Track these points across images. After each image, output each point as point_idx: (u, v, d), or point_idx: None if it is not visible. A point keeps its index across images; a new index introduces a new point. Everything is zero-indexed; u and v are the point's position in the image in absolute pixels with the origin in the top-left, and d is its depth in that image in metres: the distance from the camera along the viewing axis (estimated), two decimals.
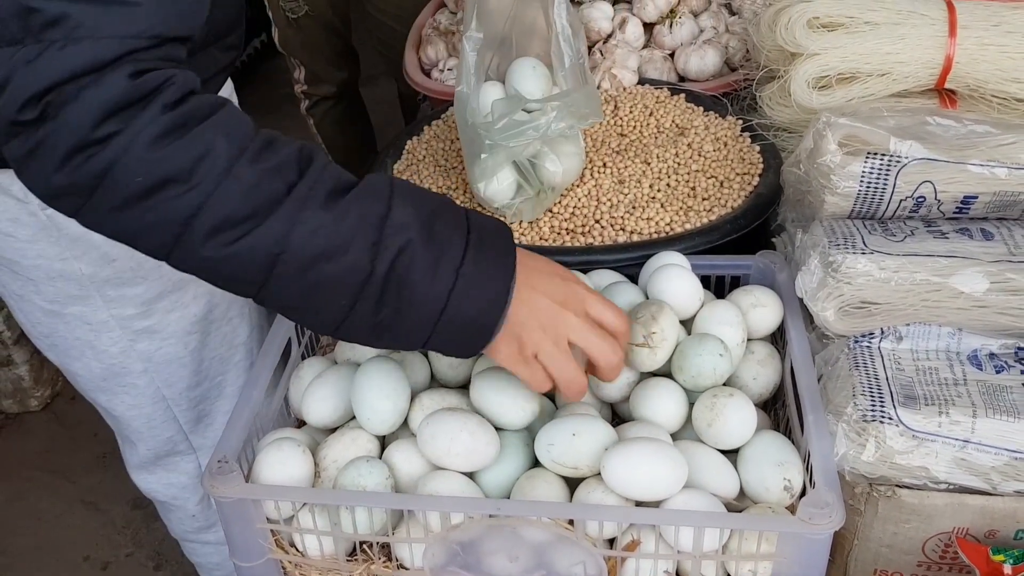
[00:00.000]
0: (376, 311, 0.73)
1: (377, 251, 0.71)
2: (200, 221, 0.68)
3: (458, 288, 0.73)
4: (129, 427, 1.19)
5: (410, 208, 0.73)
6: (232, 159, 0.68)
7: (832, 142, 0.94)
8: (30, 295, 1.03)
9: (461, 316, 0.74)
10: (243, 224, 0.68)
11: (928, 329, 0.88)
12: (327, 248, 0.70)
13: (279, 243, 0.69)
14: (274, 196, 0.69)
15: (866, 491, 0.82)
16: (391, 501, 0.83)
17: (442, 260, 0.73)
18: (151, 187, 0.67)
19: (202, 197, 0.68)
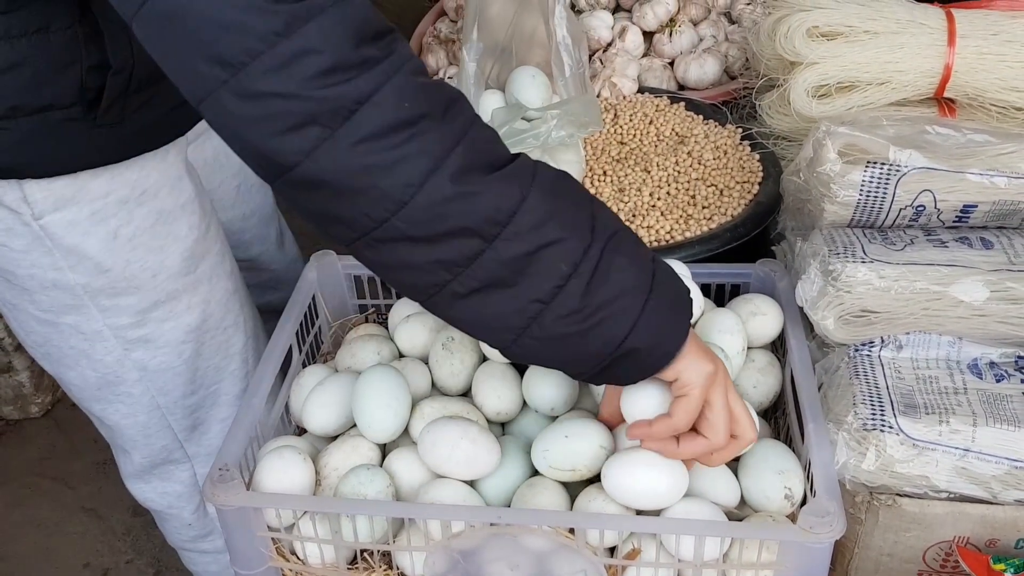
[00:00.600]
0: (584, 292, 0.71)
1: (594, 224, 0.72)
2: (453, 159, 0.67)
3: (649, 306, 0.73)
4: (123, 436, 1.18)
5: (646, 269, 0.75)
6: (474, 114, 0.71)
7: (832, 151, 0.94)
8: (24, 305, 1.03)
9: (654, 322, 0.74)
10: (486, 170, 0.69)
11: (928, 338, 0.88)
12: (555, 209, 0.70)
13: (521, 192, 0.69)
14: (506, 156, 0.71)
15: (867, 500, 0.82)
16: (392, 509, 0.83)
17: (639, 253, 0.74)
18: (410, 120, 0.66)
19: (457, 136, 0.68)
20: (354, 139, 0.65)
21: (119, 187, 0.96)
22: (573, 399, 0.93)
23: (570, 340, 0.72)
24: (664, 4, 1.47)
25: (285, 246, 1.42)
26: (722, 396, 0.76)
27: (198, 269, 1.07)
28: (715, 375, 0.76)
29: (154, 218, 1.00)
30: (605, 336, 0.72)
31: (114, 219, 0.97)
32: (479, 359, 0.99)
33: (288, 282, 1.39)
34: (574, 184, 0.75)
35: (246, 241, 1.31)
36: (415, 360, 1.04)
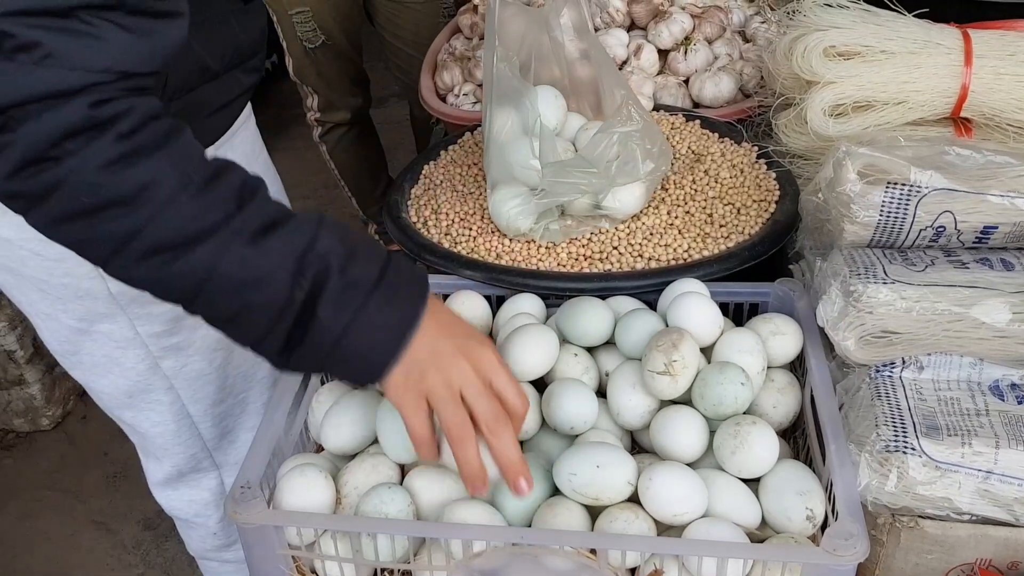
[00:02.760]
0: (288, 335, 0.77)
1: (297, 281, 0.75)
2: (136, 243, 0.73)
3: (355, 323, 0.77)
4: (154, 443, 1.19)
5: (333, 241, 0.78)
6: (176, 190, 0.72)
7: (852, 171, 0.95)
8: (57, 313, 1.04)
9: (353, 349, 0.78)
10: (175, 251, 0.73)
11: (949, 359, 0.88)
12: (252, 278, 0.74)
13: (207, 270, 0.74)
14: (209, 227, 0.73)
15: (889, 522, 0.82)
16: (413, 529, 0.83)
17: (347, 293, 0.77)
18: (95, 207, 0.72)
19: (142, 222, 0.72)
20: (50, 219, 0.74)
21: None
22: (593, 418, 0.93)
23: None
24: (679, 22, 1.48)
25: None
26: (440, 392, 0.79)
27: None
28: (411, 386, 0.79)
29: None
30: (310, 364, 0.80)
31: None
32: None
33: None
34: (294, 227, 0.77)
35: None
36: None
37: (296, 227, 0.77)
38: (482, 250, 1.15)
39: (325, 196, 3.17)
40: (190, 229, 0.73)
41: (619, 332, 0.98)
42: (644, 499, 0.82)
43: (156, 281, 0.76)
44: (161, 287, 0.76)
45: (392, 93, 3.41)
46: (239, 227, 0.74)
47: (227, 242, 0.74)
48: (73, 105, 0.69)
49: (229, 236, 0.74)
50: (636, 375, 0.93)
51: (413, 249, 1.18)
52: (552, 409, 0.93)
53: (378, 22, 2.24)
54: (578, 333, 1.00)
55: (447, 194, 1.27)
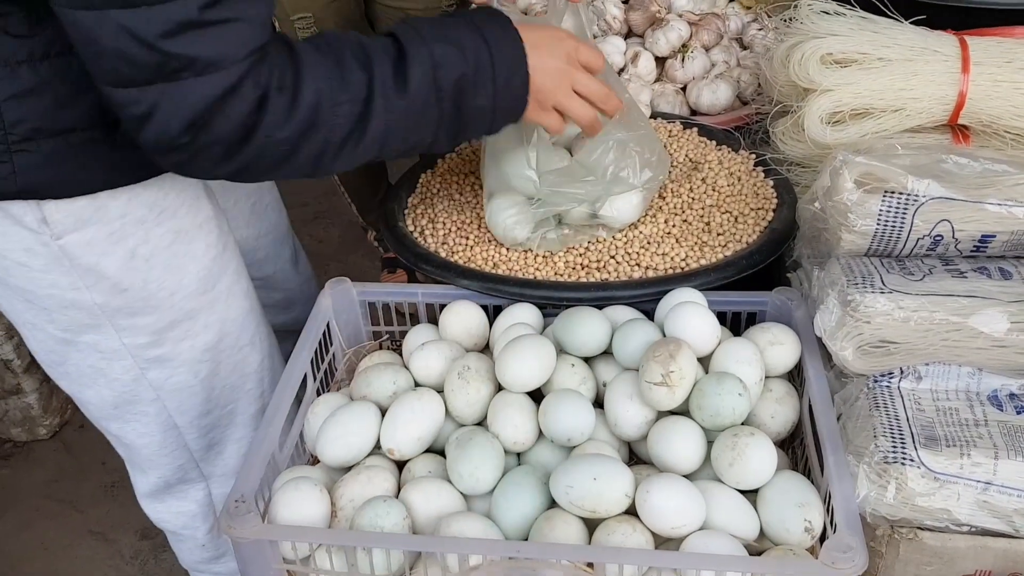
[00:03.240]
0: (452, 130, 0.96)
1: (439, 98, 0.92)
2: (329, 153, 0.89)
3: (497, 92, 0.95)
4: (140, 455, 1.18)
5: (444, 44, 0.92)
6: (330, 96, 0.86)
7: (849, 180, 0.94)
8: (43, 324, 1.04)
9: (503, 110, 0.97)
10: (355, 134, 0.88)
11: (948, 369, 0.87)
12: (413, 113, 0.91)
13: (384, 132, 0.90)
14: (366, 102, 0.88)
15: (887, 533, 0.82)
16: (410, 543, 0.83)
17: (478, 77, 0.94)
18: (291, 149, 0.86)
19: (325, 137, 0.87)
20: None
21: (137, 207, 0.97)
22: (590, 430, 0.92)
23: None
24: (676, 30, 1.48)
25: (299, 265, 1.43)
26: (562, 98, 1.02)
27: (215, 288, 1.07)
28: (541, 104, 1.01)
29: (172, 237, 1.01)
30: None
31: (132, 239, 0.97)
32: (495, 388, 0.99)
33: (302, 302, 1.39)
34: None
35: (260, 260, 1.32)
36: (430, 390, 1.04)
37: (415, 52, 0.91)
38: (479, 260, 1.15)
39: (324, 203, 3.17)
40: (356, 111, 0.87)
41: (616, 342, 0.98)
42: (642, 511, 0.82)
43: (355, 158, 0.91)
44: (358, 159, 0.92)
45: None
46: (382, 85, 0.88)
47: (385, 104, 0.88)
48: (242, 93, 0.80)
49: (383, 97, 0.88)
50: (633, 386, 0.93)
51: (410, 259, 1.17)
52: (549, 421, 0.92)
53: (379, 29, 2.24)
54: (575, 343, 1.00)
55: (444, 203, 1.26)
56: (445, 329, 1.07)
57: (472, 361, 1.00)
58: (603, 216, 1.12)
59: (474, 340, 1.07)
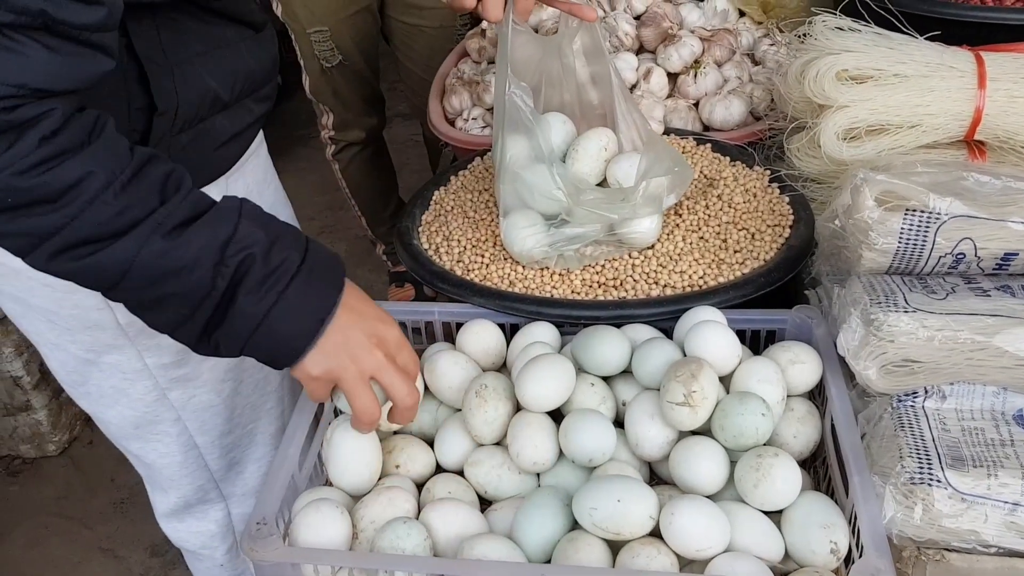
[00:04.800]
0: (209, 320, 0.80)
1: (219, 270, 0.79)
2: (57, 239, 0.75)
3: (276, 309, 0.81)
4: (161, 475, 1.18)
5: (255, 229, 0.81)
6: (100, 189, 0.74)
7: (870, 198, 0.94)
8: (65, 344, 1.04)
9: (272, 334, 0.82)
10: (96, 244, 0.75)
11: (972, 388, 0.87)
12: (172, 268, 0.77)
13: (127, 261, 0.76)
14: (131, 222, 0.76)
15: (914, 555, 0.81)
16: (433, 566, 0.82)
17: (269, 280, 0.80)
18: (19, 206, 0.74)
19: (64, 220, 0.74)
20: None
21: None
22: (611, 450, 0.92)
23: None
24: (688, 46, 1.48)
25: None
26: (350, 377, 0.86)
27: None
28: (324, 373, 0.85)
29: None
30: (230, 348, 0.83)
31: None
32: (513, 407, 0.98)
33: None
34: (213, 218, 0.80)
35: None
36: (447, 408, 1.04)
37: (218, 216, 0.80)
38: (495, 277, 1.15)
39: (330, 217, 3.17)
40: (113, 225, 0.75)
41: (636, 362, 0.97)
42: (666, 534, 0.81)
43: (75, 272, 0.77)
44: (80, 277, 0.78)
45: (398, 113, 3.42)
46: (161, 220, 0.77)
47: (148, 235, 0.76)
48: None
49: (150, 229, 0.76)
50: (654, 406, 0.92)
51: (426, 277, 1.17)
52: (570, 441, 0.92)
53: (393, 43, 2.25)
54: (595, 362, 0.99)
55: (458, 220, 1.26)
56: (462, 348, 1.07)
57: (489, 380, 0.99)
58: (623, 235, 1.11)
59: (491, 359, 1.07)
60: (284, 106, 3.54)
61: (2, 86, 0.70)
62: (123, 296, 0.80)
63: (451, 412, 1.04)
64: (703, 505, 0.82)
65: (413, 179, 3.05)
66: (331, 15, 2.07)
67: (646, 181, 1.08)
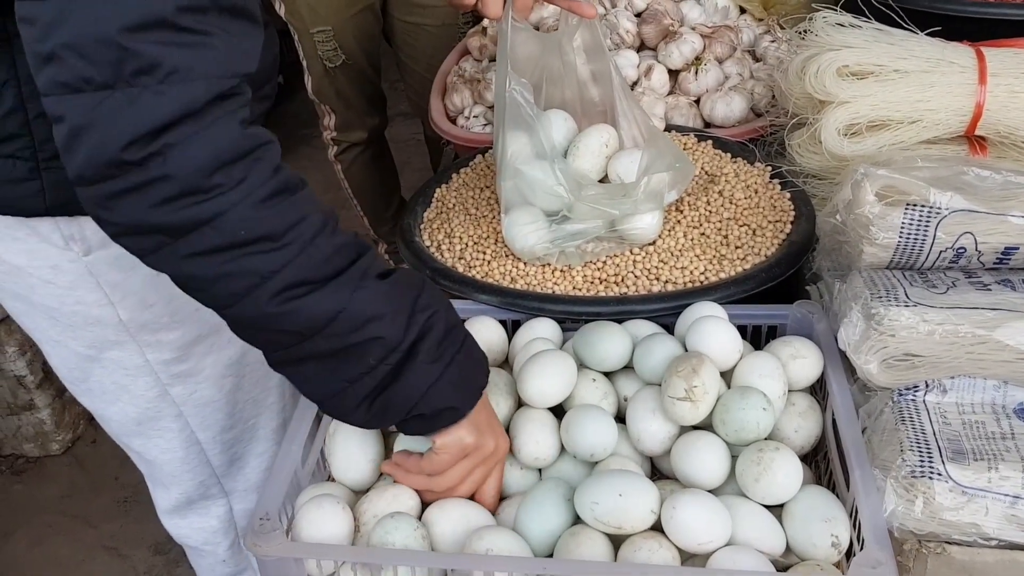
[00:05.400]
0: (386, 375, 0.80)
1: (411, 321, 0.80)
2: (277, 279, 0.73)
3: (449, 371, 0.83)
4: (162, 471, 1.19)
5: (437, 294, 0.84)
6: (318, 230, 0.75)
7: (870, 193, 0.94)
8: (67, 341, 1.04)
9: (443, 396, 0.83)
10: (311, 286, 0.75)
11: (973, 382, 0.87)
12: (378, 313, 0.78)
13: (341, 303, 0.76)
14: (341, 267, 0.77)
15: (915, 548, 0.81)
16: (435, 560, 0.83)
17: (446, 342, 0.82)
18: (246, 242, 0.71)
19: (288, 258, 0.73)
20: (187, 252, 0.71)
21: None
22: (613, 445, 0.92)
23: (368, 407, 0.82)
24: (689, 42, 1.48)
25: None
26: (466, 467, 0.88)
27: None
28: (474, 448, 0.87)
29: None
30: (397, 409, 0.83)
31: None
32: (515, 403, 0.99)
33: None
34: (404, 277, 0.82)
35: None
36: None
37: (408, 275, 0.83)
38: (497, 274, 1.15)
39: None
40: (327, 269, 0.75)
41: (638, 357, 0.98)
42: (668, 528, 0.81)
43: (287, 314, 0.75)
44: (290, 319, 0.75)
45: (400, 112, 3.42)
46: (366, 269, 0.78)
47: (358, 281, 0.77)
48: (224, 124, 0.68)
49: (359, 276, 0.77)
50: (656, 401, 0.93)
51: (428, 273, 1.17)
52: (572, 436, 0.92)
53: (395, 43, 2.25)
54: (596, 358, 0.99)
55: (460, 218, 1.26)
56: None
57: (491, 376, 0.99)
58: (623, 231, 1.12)
59: (494, 355, 1.07)
60: (285, 107, 3.54)
61: (210, 79, 0.68)
62: (323, 342, 0.77)
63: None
64: (704, 499, 0.82)
65: (415, 178, 3.05)
66: (334, 14, 2.07)
67: (647, 177, 1.08)
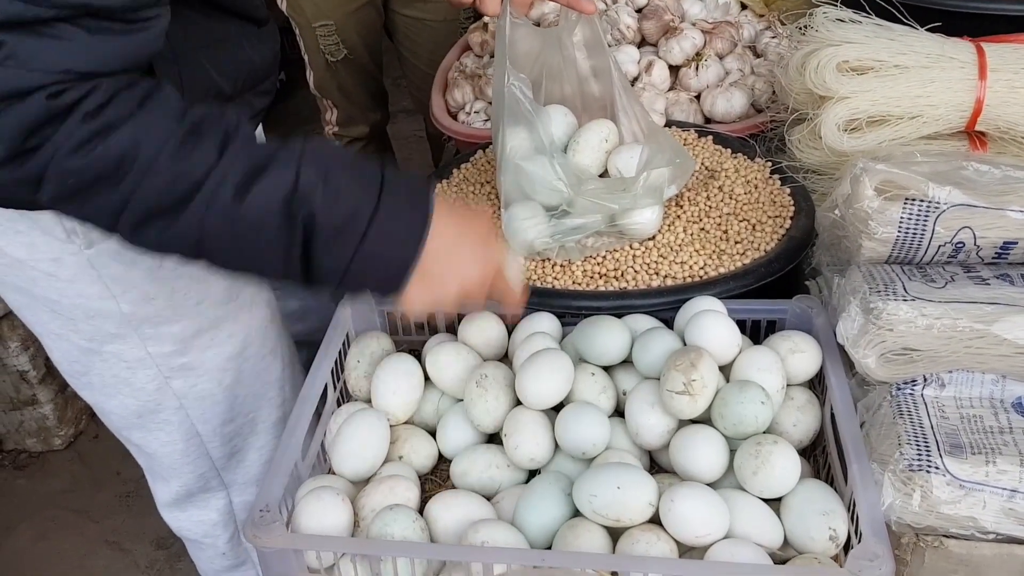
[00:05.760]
0: (302, 271, 0.80)
1: (290, 225, 0.77)
2: (128, 212, 0.76)
3: (358, 258, 0.80)
4: (162, 464, 1.19)
5: (316, 179, 0.79)
6: (153, 155, 0.74)
7: (869, 187, 0.94)
8: (68, 334, 1.04)
9: (360, 278, 0.82)
10: (167, 214, 0.76)
11: (971, 376, 0.87)
12: (242, 231, 0.77)
13: (198, 229, 0.76)
14: (192, 185, 0.76)
15: (913, 541, 0.81)
16: (434, 552, 0.83)
17: (340, 237, 0.79)
18: (83, 185, 0.75)
19: (128, 192, 0.75)
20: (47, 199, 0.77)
21: None
22: (605, 442, 0.92)
23: None
24: (690, 38, 1.48)
25: None
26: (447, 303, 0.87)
27: (239, 297, 1.08)
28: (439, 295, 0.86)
29: None
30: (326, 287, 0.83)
31: None
32: (514, 397, 0.99)
33: (316, 311, 1.40)
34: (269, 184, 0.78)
35: None
36: (449, 399, 1.04)
37: (278, 169, 0.78)
38: None
39: None
40: (174, 193, 0.75)
41: (636, 351, 0.98)
42: (666, 521, 0.81)
43: (162, 245, 0.78)
44: (168, 248, 0.79)
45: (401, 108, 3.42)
46: (220, 179, 0.76)
47: (211, 199, 0.76)
48: (32, 101, 0.71)
49: (212, 192, 0.76)
50: (654, 395, 0.93)
51: None
52: (564, 433, 0.92)
53: (397, 38, 2.25)
54: (595, 352, 1.00)
55: None
56: (464, 339, 1.07)
57: (490, 370, 1.00)
58: (624, 226, 1.12)
59: (493, 350, 1.08)
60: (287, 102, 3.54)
61: (47, 73, 0.71)
62: (214, 261, 0.80)
63: (453, 402, 1.04)
64: (703, 492, 0.83)
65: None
66: (337, 8, 2.07)
67: (647, 171, 1.08)
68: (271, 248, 0.78)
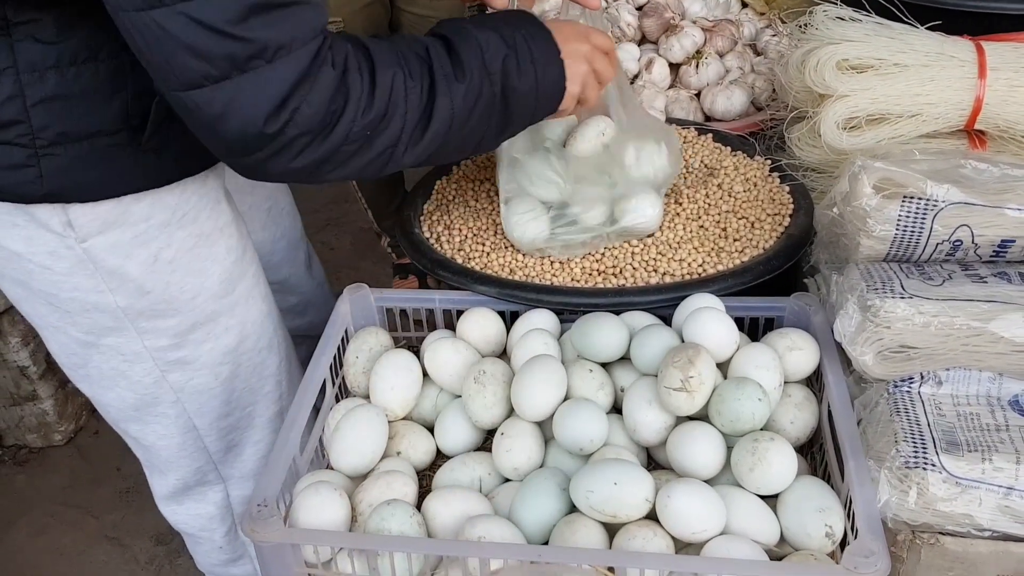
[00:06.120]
0: (503, 111, 0.96)
1: (491, 80, 0.94)
2: (405, 135, 0.89)
3: (540, 80, 0.97)
4: (159, 457, 1.19)
5: (487, 32, 0.95)
6: (404, 81, 0.87)
7: (867, 185, 0.94)
8: (65, 327, 1.05)
9: (548, 74, 0.98)
10: (429, 119, 0.90)
11: (968, 374, 0.87)
12: (473, 99, 0.92)
13: (450, 114, 0.91)
14: (431, 88, 0.90)
15: (909, 538, 0.81)
16: (431, 547, 0.83)
17: (523, 66, 0.96)
18: (373, 134, 0.86)
19: (403, 120, 0.88)
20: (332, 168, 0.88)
21: (161, 211, 0.98)
22: (601, 439, 0.92)
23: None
24: (690, 36, 1.48)
25: (313, 270, 1.44)
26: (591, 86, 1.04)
27: (235, 291, 1.08)
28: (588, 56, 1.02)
29: (194, 241, 1.01)
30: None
31: (155, 242, 0.98)
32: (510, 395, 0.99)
33: (315, 306, 1.40)
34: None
35: (276, 263, 1.33)
36: (447, 395, 1.05)
37: (462, 39, 0.93)
38: (495, 266, 1.15)
39: (335, 210, 3.18)
40: (422, 101, 0.89)
41: (634, 348, 0.98)
42: (662, 517, 0.82)
43: (414, 157, 0.91)
44: (440, 154, 0.94)
45: None
46: (440, 72, 0.90)
47: (446, 91, 0.90)
48: (323, 75, 0.81)
49: (444, 84, 0.90)
50: (652, 391, 0.93)
51: (427, 265, 1.18)
52: (561, 429, 0.92)
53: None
54: (593, 349, 1.00)
55: (460, 210, 1.27)
56: (463, 335, 1.08)
57: (488, 366, 1.00)
58: (626, 224, 1.12)
59: (492, 347, 1.08)
60: None
61: (306, 45, 0.80)
62: (474, 138, 0.96)
63: (451, 398, 1.04)
64: (699, 488, 0.83)
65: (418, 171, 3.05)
66: (344, 6, 2.07)
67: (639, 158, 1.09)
68: (485, 104, 0.93)
